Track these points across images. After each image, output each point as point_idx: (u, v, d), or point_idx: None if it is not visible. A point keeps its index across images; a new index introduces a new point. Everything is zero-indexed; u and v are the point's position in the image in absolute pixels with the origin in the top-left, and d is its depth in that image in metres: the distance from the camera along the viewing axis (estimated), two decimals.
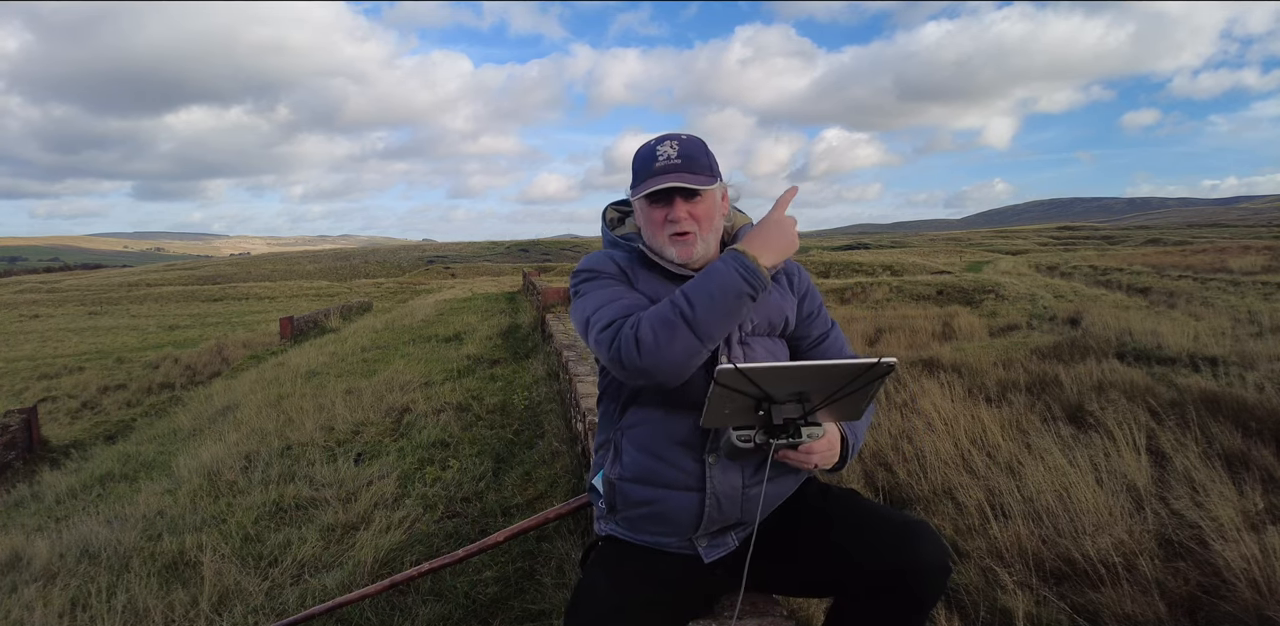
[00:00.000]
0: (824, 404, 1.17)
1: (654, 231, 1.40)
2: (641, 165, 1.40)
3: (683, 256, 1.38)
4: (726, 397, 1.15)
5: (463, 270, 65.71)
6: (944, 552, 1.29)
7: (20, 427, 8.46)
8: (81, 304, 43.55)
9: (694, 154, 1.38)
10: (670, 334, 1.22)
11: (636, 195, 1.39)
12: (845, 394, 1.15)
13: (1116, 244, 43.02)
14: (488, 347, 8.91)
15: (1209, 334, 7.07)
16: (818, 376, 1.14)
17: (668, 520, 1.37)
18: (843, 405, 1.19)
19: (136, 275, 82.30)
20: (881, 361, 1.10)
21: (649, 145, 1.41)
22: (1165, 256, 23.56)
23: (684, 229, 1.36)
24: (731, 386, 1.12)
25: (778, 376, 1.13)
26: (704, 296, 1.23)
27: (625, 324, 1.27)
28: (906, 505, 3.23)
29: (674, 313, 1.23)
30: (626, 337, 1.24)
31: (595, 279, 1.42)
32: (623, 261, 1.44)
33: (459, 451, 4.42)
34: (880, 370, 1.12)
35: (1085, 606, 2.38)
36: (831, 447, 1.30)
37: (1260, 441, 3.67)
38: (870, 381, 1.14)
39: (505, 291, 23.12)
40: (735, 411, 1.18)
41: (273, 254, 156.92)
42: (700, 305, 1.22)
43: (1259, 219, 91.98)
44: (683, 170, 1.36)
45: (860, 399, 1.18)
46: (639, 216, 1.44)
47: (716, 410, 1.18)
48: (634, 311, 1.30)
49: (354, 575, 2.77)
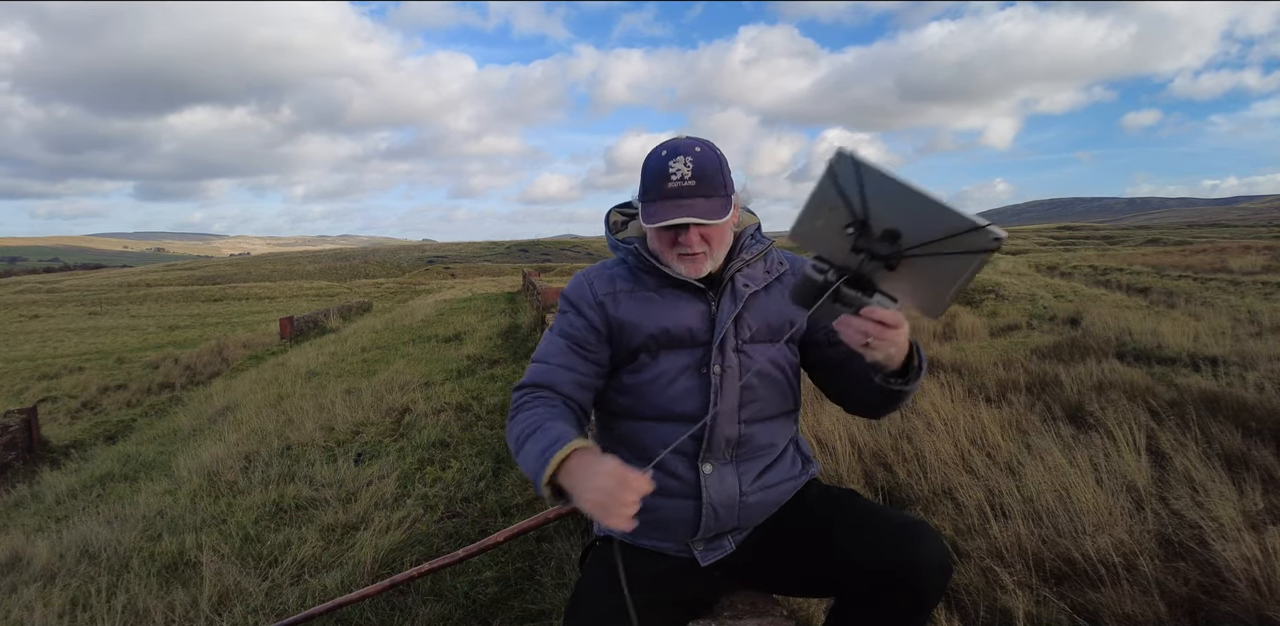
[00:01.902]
0: (915, 250, 1.03)
1: (662, 249, 1.35)
2: (653, 182, 1.31)
3: (691, 273, 1.35)
4: (826, 198, 1.05)
5: (463, 270, 65.69)
6: (944, 552, 1.28)
7: (20, 428, 8.45)
8: (81, 304, 43.54)
9: (708, 172, 1.29)
10: (516, 456, 1.28)
11: (646, 223, 1.31)
12: (939, 252, 1.01)
13: (1116, 244, 43.01)
14: (488, 347, 8.92)
15: (1209, 334, 7.06)
16: (923, 210, 1.01)
17: (664, 527, 1.37)
18: (927, 279, 1.06)
19: (136, 275, 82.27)
20: (990, 228, 0.96)
21: (660, 156, 1.32)
22: (1165, 256, 23.55)
23: (695, 251, 1.32)
24: (838, 181, 1.02)
25: (886, 190, 1.01)
26: (522, 464, 1.25)
27: (518, 414, 1.33)
28: (906, 505, 3.23)
29: (516, 443, 1.27)
30: (511, 422, 1.33)
31: (564, 314, 1.43)
32: (614, 279, 1.41)
33: (459, 451, 4.42)
34: (985, 239, 0.97)
35: (1085, 606, 2.38)
36: (899, 331, 1.12)
37: (1260, 441, 3.67)
38: (968, 251, 0.99)
39: (505, 291, 23.11)
40: (826, 226, 1.07)
41: (272, 254, 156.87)
42: (519, 461, 1.26)
43: (1259, 219, 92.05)
44: (697, 195, 1.28)
45: (948, 275, 1.03)
46: (646, 229, 1.37)
47: (811, 213, 1.07)
48: (553, 379, 1.35)
49: (354, 575, 2.77)
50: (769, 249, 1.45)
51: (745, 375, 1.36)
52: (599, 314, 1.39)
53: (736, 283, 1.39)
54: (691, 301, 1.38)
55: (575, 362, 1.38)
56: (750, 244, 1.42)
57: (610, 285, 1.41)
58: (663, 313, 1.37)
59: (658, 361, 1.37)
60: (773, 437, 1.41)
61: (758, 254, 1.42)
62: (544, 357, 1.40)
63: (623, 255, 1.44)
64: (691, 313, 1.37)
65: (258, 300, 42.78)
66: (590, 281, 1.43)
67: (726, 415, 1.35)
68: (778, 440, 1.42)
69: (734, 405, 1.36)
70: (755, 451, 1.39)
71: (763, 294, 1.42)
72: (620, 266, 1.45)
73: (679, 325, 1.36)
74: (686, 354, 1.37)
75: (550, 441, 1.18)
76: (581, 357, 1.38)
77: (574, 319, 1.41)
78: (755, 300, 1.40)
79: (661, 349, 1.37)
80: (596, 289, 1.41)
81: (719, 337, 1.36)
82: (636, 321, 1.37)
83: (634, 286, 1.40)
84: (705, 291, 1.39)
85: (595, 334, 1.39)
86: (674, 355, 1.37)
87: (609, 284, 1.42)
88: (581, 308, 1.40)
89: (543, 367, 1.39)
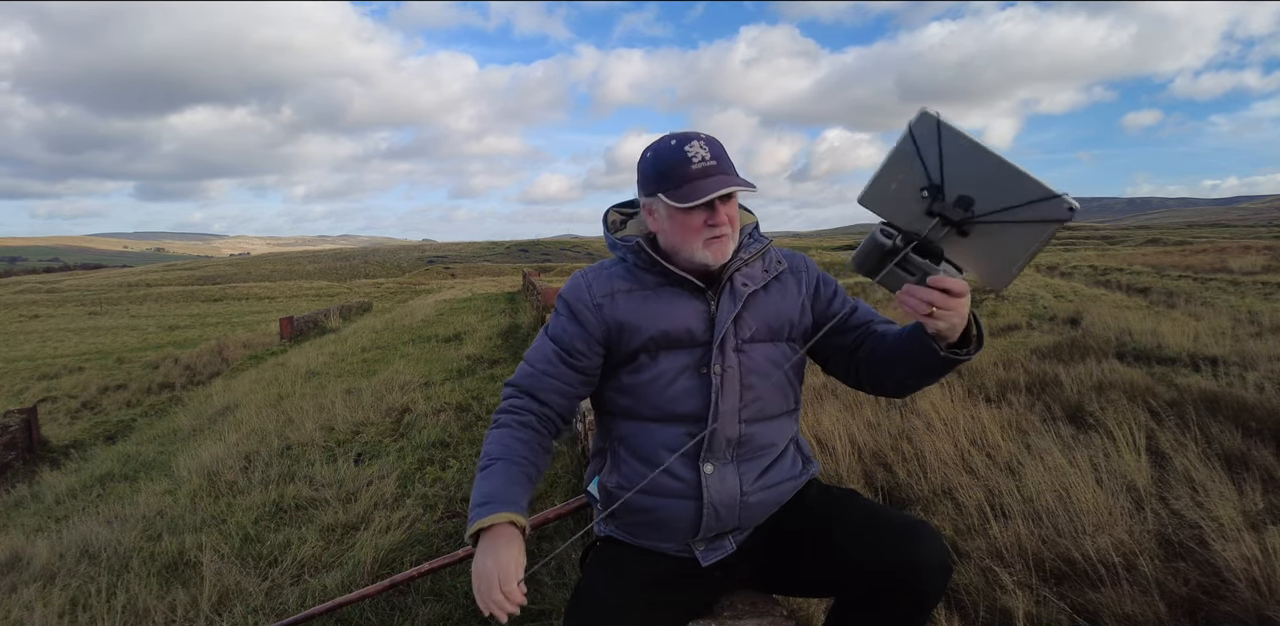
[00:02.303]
0: (989, 217, 1.03)
1: (687, 236, 1.32)
2: (672, 167, 1.29)
3: (719, 257, 1.33)
4: (904, 162, 1.05)
5: (462, 270, 65.72)
6: (944, 552, 1.28)
7: (20, 427, 8.45)
8: (81, 304, 43.55)
9: (721, 153, 1.32)
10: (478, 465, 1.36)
11: (682, 203, 1.26)
12: (1010, 220, 1.02)
13: (1116, 244, 43.03)
14: (488, 347, 8.92)
15: (1209, 334, 7.06)
16: (1000, 177, 1.02)
17: (665, 527, 1.37)
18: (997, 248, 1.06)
19: (136, 275, 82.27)
20: (1065, 196, 0.96)
21: (671, 146, 1.31)
22: (1165, 256, 23.56)
23: (723, 231, 1.32)
24: (917, 143, 1.03)
25: (964, 154, 1.02)
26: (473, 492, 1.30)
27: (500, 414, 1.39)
28: (906, 505, 3.23)
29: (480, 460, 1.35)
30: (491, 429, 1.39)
31: (559, 316, 1.44)
32: (612, 279, 1.41)
33: (459, 451, 4.42)
34: (1058, 209, 0.98)
35: (1085, 606, 2.38)
36: (962, 301, 1.11)
37: (1260, 441, 3.66)
38: (1040, 220, 1.00)
39: (505, 291, 23.11)
40: (900, 191, 1.07)
41: (272, 254, 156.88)
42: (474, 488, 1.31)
43: (1259, 219, 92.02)
44: (721, 172, 1.29)
45: (1018, 244, 1.03)
46: (663, 222, 1.35)
47: (887, 176, 1.07)
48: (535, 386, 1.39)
49: (354, 575, 2.76)
50: (767, 247, 1.45)
51: (746, 375, 1.36)
52: (596, 317, 1.38)
53: (736, 281, 1.39)
54: (691, 301, 1.38)
55: (560, 371, 1.38)
56: (749, 242, 1.42)
57: (609, 285, 1.40)
58: (662, 312, 1.36)
59: (657, 362, 1.37)
60: (773, 437, 1.41)
61: (756, 252, 1.42)
62: (532, 361, 1.42)
63: (622, 253, 1.43)
64: (691, 312, 1.37)
65: (258, 300, 42.79)
66: (589, 282, 1.42)
67: (727, 415, 1.35)
68: (778, 440, 1.42)
69: (734, 405, 1.35)
70: (756, 451, 1.39)
71: (762, 293, 1.41)
72: (618, 266, 1.44)
73: (678, 325, 1.36)
74: (686, 354, 1.37)
75: (485, 498, 1.26)
76: (568, 366, 1.39)
77: (567, 324, 1.40)
78: (755, 299, 1.40)
79: (661, 349, 1.37)
80: (595, 290, 1.40)
81: (719, 337, 1.35)
82: (635, 322, 1.36)
83: (632, 286, 1.40)
84: (704, 291, 1.38)
85: (586, 342, 1.38)
86: (673, 355, 1.37)
87: (607, 284, 1.41)
88: (577, 311, 1.39)
89: (529, 371, 1.41)
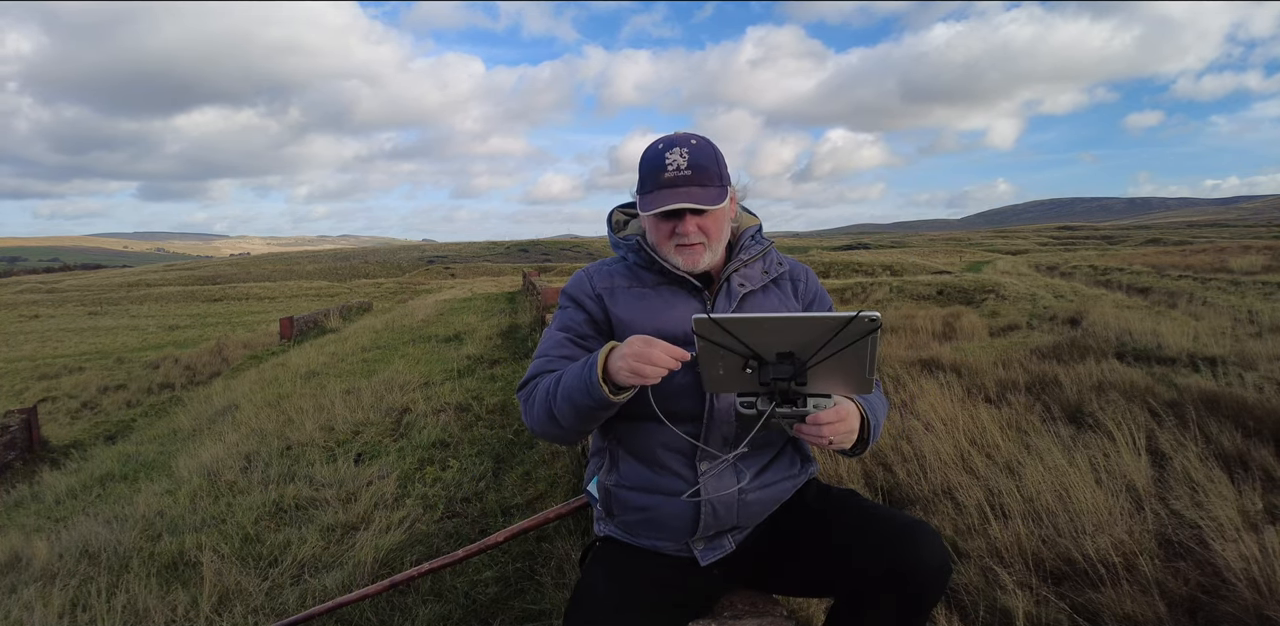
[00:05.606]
0: (813, 362, 1.11)
1: (660, 240, 1.37)
2: (648, 173, 1.34)
3: (688, 265, 1.37)
4: (713, 353, 1.12)
5: (462, 270, 65.76)
6: (944, 552, 1.28)
7: (20, 428, 8.45)
8: (81, 304, 43.55)
9: (703, 162, 1.32)
10: (547, 420, 1.32)
11: (643, 211, 1.35)
12: (833, 351, 1.09)
13: (1116, 244, 43.05)
14: (488, 348, 8.92)
15: (1209, 334, 7.07)
16: (796, 329, 1.09)
17: (664, 526, 1.37)
18: (840, 370, 1.13)
19: (136, 275, 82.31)
20: (861, 314, 1.03)
21: (656, 149, 1.35)
22: (1165, 256, 23.56)
23: (692, 242, 1.34)
24: (710, 338, 1.10)
25: (755, 328, 1.09)
26: (564, 400, 1.27)
27: (538, 385, 1.36)
28: (906, 505, 3.23)
29: (546, 400, 1.31)
30: (527, 403, 1.37)
31: (564, 309, 1.46)
32: (612, 276, 1.44)
33: (459, 451, 4.42)
34: (861, 325, 1.05)
35: (1085, 606, 2.38)
36: (846, 422, 1.20)
37: (1259, 441, 3.67)
38: (857, 338, 1.07)
39: (505, 291, 23.11)
40: (729, 372, 1.15)
41: (272, 254, 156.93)
42: (560, 408, 1.29)
43: (1259, 218, 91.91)
44: (692, 183, 1.31)
45: (855, 362, 1.11)
46: (644, 222, 1.40)
47: (710, 369, 1.15)
48: (552, 367, 1.38)
49: (354, 575, 2.77)
50: (768, 249, 1.45)
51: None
52: (598, 305, 1.42)
53: (733, 282, 1.40)
54: (688, 300, 1.39)
55: (574, 352, 1.40)
56: (750, 244, 1.43)
57: (609, 280, 1.44)
58: (658, 311, 1.38)
59: None
60: (770, 436, 1.41)
61: (756, 254, 1.42)
62: (544, 352, 1.44)
63: (623, 252, 1.46)
64: (687, 311, 1.37)
65: (258, 300, 42.79)
66: (590, 276, 1.46)
67: (723, 413, 1.35)
68: (775, 439, 1.42)
69: (731, 403, 1.36)
70: (753, 450, 1.39)
71: (759, 294, 1.42)
72: (619, 264, 1.47)
73: (674, 324, 1.36)
74: None
75: (586, 359, 1.26)
76: (582, 348, 1.40)
77: (573, 313, 1.44)
78: (751, 300, 1.41)
79: None
80: (595, 283, 1.44)
81: None
82: (633, 319, 1.38)
83: (632, 283, 1.42)
84: (701, 290, 1.39)
85: (594, 326, 1.42)
86: None
87: (608, 279, 1.44)
88: (580, 300, 1.43)
89: (544, 360, 1.42)
